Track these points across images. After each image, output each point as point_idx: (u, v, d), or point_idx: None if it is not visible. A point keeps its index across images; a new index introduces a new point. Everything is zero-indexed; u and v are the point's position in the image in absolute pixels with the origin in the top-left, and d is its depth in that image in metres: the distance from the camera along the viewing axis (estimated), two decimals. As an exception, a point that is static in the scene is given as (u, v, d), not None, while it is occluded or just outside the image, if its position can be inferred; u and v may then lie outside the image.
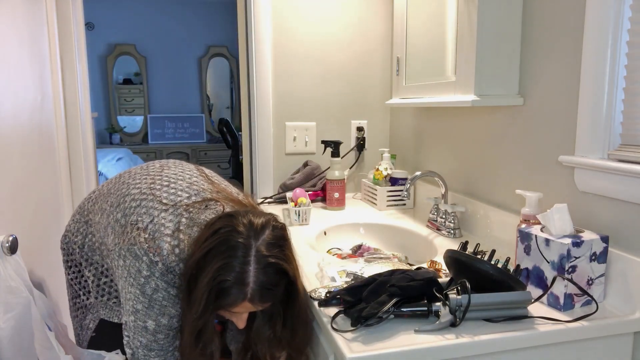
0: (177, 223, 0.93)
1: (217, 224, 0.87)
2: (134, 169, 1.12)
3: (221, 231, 0.86)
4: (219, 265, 0.83)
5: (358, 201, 1.88)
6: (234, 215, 0.89)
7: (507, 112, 1.23)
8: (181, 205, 0.96)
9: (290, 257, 0.90)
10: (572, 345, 0.84)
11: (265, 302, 0.87)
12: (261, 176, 1.90)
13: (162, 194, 0.98)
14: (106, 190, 1.10)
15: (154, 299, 0.91)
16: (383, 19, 1.93)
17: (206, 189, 1.02)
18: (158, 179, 1.03)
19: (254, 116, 1.88)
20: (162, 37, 5.38)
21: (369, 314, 0.81)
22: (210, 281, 0.82)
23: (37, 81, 1.63)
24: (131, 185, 1.03)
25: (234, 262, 0.83)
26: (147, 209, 0.95)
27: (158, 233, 0.91)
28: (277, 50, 1.84)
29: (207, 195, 1.00)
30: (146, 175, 1.05)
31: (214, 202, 0.98)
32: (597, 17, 0.93)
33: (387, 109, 2.00)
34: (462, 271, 0.88)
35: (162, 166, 1.09)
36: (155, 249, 0.90)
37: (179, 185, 1.01)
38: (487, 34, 1.14)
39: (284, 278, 0.88)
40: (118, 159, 4.35)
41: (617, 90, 0.92)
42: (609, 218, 0.94)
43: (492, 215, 1.28)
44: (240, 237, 0.84)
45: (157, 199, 0.97)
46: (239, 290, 0.83)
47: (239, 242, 0.84)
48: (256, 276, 0.83)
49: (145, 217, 0.94)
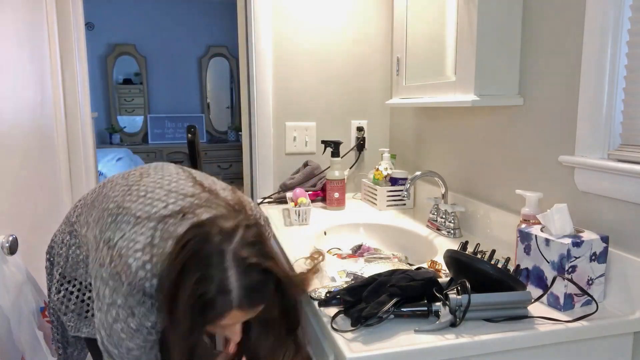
0: (150, 237, 0.88)
1: (186, 237, 0.82)
2: (117, 177, 1.08)
3: (191, 243, 0.81)
4: (195, 278, 0.78)
5: (358, 201, 1.88)
6: (202, 225, 0.83)
7: (507, 112, 1.23)
8: (155, 217, 0.91)
9: (270, 253, 0.85)
10: (572, 345, 0.84)
11: (256, 307, 0.83)
12: (261, 176, 1.90)
13: (137, 207, 0.93)
14: (90, 201, 1.06)
15: (114, 329, 0.88)
16: (383, 19, 1.93)
17: (188, 193, 0.97)
18: (135, 189, 0.98)
19: (254, 116, 1.88)
20: (162, 37, 5.38)
21: (369, 314, 0.81)
22: (191, 297, 0.77)
23: (37, 81, 1.63)
24: (110, 198, 0.99)
25: (211, 271, 0.78)
26: (120, 225, 0.91)
27: (126, 249, 0.87)
28: (277, 50, 1.84)
29: (187, 202, 0.95)
30: (124, 186, 1.01)
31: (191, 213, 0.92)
32: (597, 17, 0.93)
33: (387, 109, 2.00)
34: (462, 271, 0.88)
35: (141, 174, 1.05)
36: (121, 266, 0.86)
37: (156, 194, 0.96)
38: (487, 33, 1.14)
39: (269, 276, 0.83)
40: (118, 159, 4.35)
41: (617, 90, 0.92)
42: (609, 218, 0.94)
43: (492, 215, 1.28)
44: (212, 245, 0.80)
45: (131, 212, 0.92)
46: (223, 299, 0.78)
47: (212, 249, 0.79)
48: (238, 280, 0.78)
49: (117, 234, 0.90)
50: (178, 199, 0.95)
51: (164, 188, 0.98)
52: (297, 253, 1.22)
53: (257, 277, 0.81)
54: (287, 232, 1.44)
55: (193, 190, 0.98)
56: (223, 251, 0.79)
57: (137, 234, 0.89)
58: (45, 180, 1.67)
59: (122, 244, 0.88)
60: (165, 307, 0.83)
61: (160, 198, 0.95)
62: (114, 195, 0.99)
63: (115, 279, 0.86)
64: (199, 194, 0.97)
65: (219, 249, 0.79)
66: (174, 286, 0.80)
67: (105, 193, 1.03)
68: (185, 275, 0.78)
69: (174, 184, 0.99)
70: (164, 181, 1.00)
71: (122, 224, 0.91)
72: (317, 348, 0.95)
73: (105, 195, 1.02)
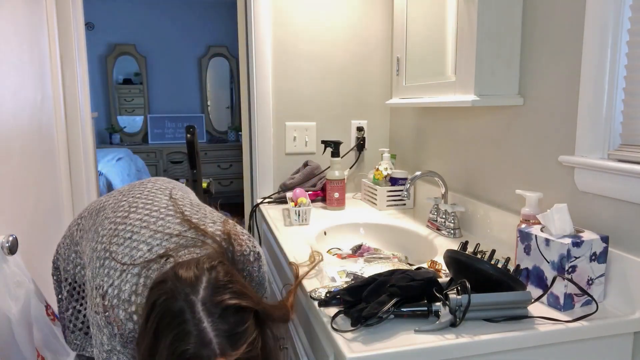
0: (134, 285, 0.87)
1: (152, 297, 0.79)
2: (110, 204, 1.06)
3: (157, 303, 0.77)
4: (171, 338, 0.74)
5: (358, 201, 1.88)
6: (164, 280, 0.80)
7: (507, 112, 1.23)
8: (139, 263, 0.90)
9: (241, 290, 0.81)
10: (572, 345, 0.84)
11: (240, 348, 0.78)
12: (261, 176, 1.91)
13: (123, 251, 0.92)
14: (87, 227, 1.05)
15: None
16: (383, 19, 1.93)
17: (174, 232, 0.95)
18: (121, 230, 0.97)
19: (254, 116, 1.88)
20: (162, 37, 5.38)
21: (369, 314, 0.81)
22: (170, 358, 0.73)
23: (37, 81, 1.63)
24: (100, 235, 0.98)
25: (187, 328, 0.74)
26: (107, 270, 0.91)
27: (116, 299, 0.87)
28: (277, 50, 1.84)
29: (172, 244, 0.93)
30: (112, 224, 0.99)
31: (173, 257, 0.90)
32: (597, 17, 0.93)
33: (387, 109, 2.00)
34: (462, 271, 0.88)
35: (130, 206, 1.03)
36: (114, 317, 0.85)
37: (141, 235, 0.94)
38: (487, 34, 1.14)
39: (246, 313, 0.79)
40: (118, 159, 4.35)
41: (617, 90, 0.92)
42: (609, 218, 0.94)
43: (492, 215, 1.28)
44: (179, 300, 0.76)
45: (117, 257, 0.91)
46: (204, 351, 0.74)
47: (181, 304, 0.75)
48: (216, 329, 0.75)
49: (106, 281, 0.89)
50: (163, 239, 0.93)
51: (149, 228, 0.96)
52: (297, 253, 1.22)
53: (233, 318, 0.77)
54: (287, 232, 1.44)
55: (180, 228, 0.96)
56: (192, 303, 0.76)
57: (123, 282, 0.88)
58: (45, 180, 1.67)
59: (111, 292, 0.88)
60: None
61: (146, 240, 0.93)
62: (103, 234, 0.98)
63: (109, 328, 0.87)
64: (185, 231, 0.95)
65: (187, 301, 0.76)
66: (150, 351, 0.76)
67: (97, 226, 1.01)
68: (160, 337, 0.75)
69: (161, 222, 0.97)
70: (151, 219, 0.98)
71: (110, 269, 0.91)
72: (317, 348, 0.95)
73: (96, 231, 1.00)
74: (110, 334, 0.86)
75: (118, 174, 4.06)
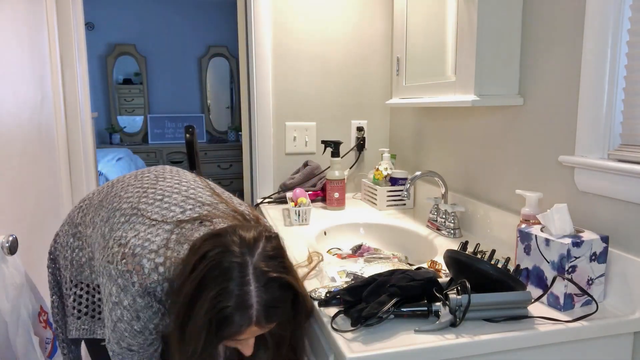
0: (166, 240, 0.86)
1: (205, 247, 0.79)
2: (128, 177, 1.06)
3: (210, 254, 0.77)
4: (215, 292, 0.74)
5: (358, 201, 1.88)
6: (221, 235, 0.80)
7: (507, 112, 1.23)
8: (172, 221, 0.89)
9: (290, 268, 0.82)
10: (572, 345, 0.84)
11: (272, 322, 0.79)
12: (261, 176, 1.91)
13: (153, 209, 0.91)
14: (97, 201, 1.04)
15: (117, 326, 0.86)
16: (383, 19, 1.93)
17: (205, 201, 0.94)
18: (151, 192, 0.96)
19: (254, 116, 1.88)
20: (162, 37, 5.38)
21: (369, 314, 0.81)
22: (209, 312, 0.74)
23: (37, 81, 1.63)
24: (123, 198, 0.97)
25: (232, 286, 0.74)
26: (134, 225, 0.89)
27: (140, 248, 0.85)
28: (277, 50, 1.84)
29: (205, 210, 0.92)
30: (139, 188, 0.98)
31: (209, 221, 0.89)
32: (597, 17, 0.93)
33: (387, 109, 2.00)
34: (462, 271, 0.88)
35: (157, 177, 1.02)
36: (134, 266, 0.83)
37: (173, 199, 0.94)
38: (487, 34, 1.14)
39: (289, 292, 0.81)
40: (118, 159, 4.35)
41: (617, 90, 0.92)
42: (609, 218, 0.94)
43: (492, 215, 1.28)
44: (233, 257, 0.76)
45: (147, 214, 0.90)
46: (242, 315, 0.74)
47: (233, 262, 0.76)
48: (259, 296, 0.75)
49: (131, 233, 0.88)
50: (196, 205, 0.93)
51: (181, 194, 0.96)
52: (297, 253, 1.22)
53: (277, 292, 0.78)
54: (287, 232, 1.44)
55: (211, 199, 0.96)
56: (245, 264, 0.76)
57: (153, 235, 0.87)
58: (45, 180, 1.67)
59: (135, 242, 0.86)
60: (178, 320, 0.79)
61: (178, 203, 0.93)
62: (127, 196, 0.97)
63: (126, 277, 0.84)
64: (216, 204, 0.95)
65: (241, 261, 0.76)
66: (191, 300, 0.76)
67: (115, 193, 1.01)
68: (204, 289, 0.75)
69: (192, 191, 0.97)
70: (182, 187, 0.98)
71: (136, 224, 0.89)
72: (317, 348, 0.95)
73: (116, 195, 1.00)
74: (124, 285, 0.84)
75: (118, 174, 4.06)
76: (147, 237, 0.86)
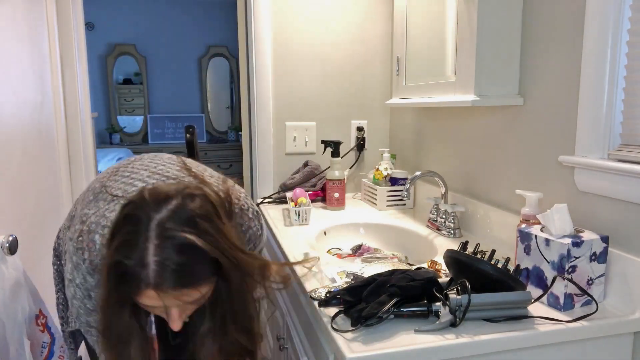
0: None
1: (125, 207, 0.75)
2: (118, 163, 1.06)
3: (127, 207, 0.73)
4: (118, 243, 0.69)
5: (358, 201, 1.88)
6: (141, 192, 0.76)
7: (507, 112, 1.23)
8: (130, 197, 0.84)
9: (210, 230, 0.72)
10: (572, 345, 0.84)
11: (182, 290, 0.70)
12: (261, 176, 1.91)
13: (117, 186, 0.90)
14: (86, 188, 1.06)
15: (73, 304, 0.86)
16: (383, 19, 1.93)
17: (171, 175, 0.91)
18: (122, 170, 0.95)
19: (254, 116, 1.88)
20: (162, 37, 5.37)
21: (369, 314, 0.81)
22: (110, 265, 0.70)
23: (37, 81, 1.63)
24: (98, 179, 0.97)
25: (135, 239, 0.68)
26: (97, 202, 0.88)
27: (95, 225, 0.83)
28: (277, 50, 1.84)
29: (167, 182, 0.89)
30: (114, 168, 0.99)
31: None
32: (597, 17, 0.93)
33: (387, 109, 2.00)
34: (462, 271, 0.88)
35: (136, 159, 1.01)
36: (87, 242, 0.82)
37: (140, 175, 0.92)
38: (487, 33, 1.14)
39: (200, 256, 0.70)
40: (118, 159, 4.36)
41: (617, 90, 0.92)
42: (609, 218, 0.94)
43: (492, 215, 1.28)
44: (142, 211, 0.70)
45: (110, 190, 0.88)
46: (138, 273, 0.68)
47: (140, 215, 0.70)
48: (160, 256, 0.67)
49: (92, 210, 0.86)
50: (160, 180, 0.90)
51: (149, 170, 0.94)
52: (297, 253, 1.22)
53: (184, 256, 0.69)
54: (287, 232, 1.44)
55: (178, 173, 0.93)
56: (149, 218, 0.70)
57: (109, 211, 0.84)
58: (45, 180, 1.67)
59: (93, 219, 0.84)
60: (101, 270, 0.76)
61: (142, 179, 0.91)
62: (101, 176, 0.98)
63: (78, 254, 0.82)
64: (183, 177, 0.92)
65: (146, 214, 0.70)
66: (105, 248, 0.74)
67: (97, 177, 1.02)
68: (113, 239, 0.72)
69: (161, 167, 0.95)
70: (152, 164, 0.97)
71: (99, 201, 0.88)
72: (317, 348, 0.95)
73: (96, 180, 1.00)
74: (77, 262, 0.82)
75: (118, 174, 4.05)
76: (103, 213, 0.84)
